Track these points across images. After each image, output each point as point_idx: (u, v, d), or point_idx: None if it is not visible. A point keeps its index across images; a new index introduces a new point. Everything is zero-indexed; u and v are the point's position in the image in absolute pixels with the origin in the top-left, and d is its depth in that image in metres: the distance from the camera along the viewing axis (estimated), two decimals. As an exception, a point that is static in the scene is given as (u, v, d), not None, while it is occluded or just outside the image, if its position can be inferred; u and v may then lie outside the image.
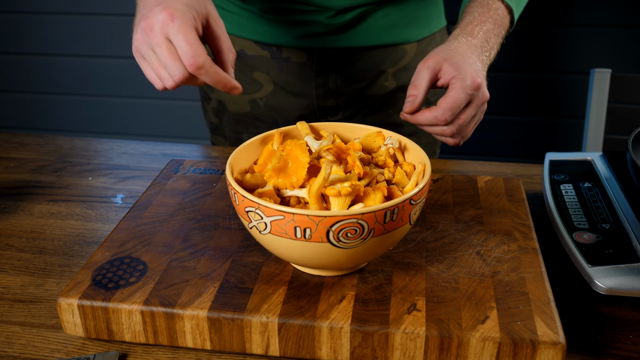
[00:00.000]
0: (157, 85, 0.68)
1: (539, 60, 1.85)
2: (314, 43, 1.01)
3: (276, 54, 1.03)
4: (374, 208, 0.56)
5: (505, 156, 1.99)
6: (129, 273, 0.64)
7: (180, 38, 0.63)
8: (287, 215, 0.56)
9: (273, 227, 0.58)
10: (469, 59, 0.78)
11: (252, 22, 1.02)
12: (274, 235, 0.58)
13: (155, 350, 0.62)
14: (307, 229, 0.56)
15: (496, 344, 0.56)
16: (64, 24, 2.10)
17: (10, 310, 0.68)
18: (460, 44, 0.80)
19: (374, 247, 0.59)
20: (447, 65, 0.76)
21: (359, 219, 0.56)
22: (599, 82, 1.43)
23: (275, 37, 1.02)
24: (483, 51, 0.82)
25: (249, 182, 0.64)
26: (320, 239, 0.57)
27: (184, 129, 2.19)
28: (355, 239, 0.57)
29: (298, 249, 0.58)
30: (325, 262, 0.60)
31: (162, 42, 0.64)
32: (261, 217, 0.58)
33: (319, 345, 0.59)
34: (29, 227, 0.83)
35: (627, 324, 0.65)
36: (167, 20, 0.64)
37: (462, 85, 0.74)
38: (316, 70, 1.04)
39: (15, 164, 1.00)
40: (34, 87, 2.23)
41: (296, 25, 0.99)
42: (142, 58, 0.68)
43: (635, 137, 0.82)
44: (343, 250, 0.58)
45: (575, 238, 0.72)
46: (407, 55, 1.05)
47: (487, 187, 0.81)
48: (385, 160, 0.68)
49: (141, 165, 1.00)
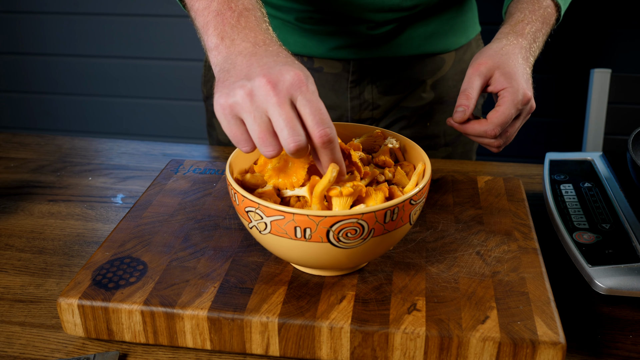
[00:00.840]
0: (245, 149, 0.58)
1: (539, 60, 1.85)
2: (350, 54, 0.98)
3: (307, 64, 1.00)
4: (374, 208, 0.56)
5: (505, 156, 1.99)
6: (129, 273, 0.64)
7: (314, 105, 0.55)
8: (287, 215, 0.56)
9: (273, 227, 0.57)
10: (520, 67, 0.75)
11: (282, 31, 0.98)
12: (274, 235, 0.58)
13: (155, 350, 0.62)
14: (307, 229, 0.56)
15: (496, 344, 0.56)
16: (64, 24, 2.10)
17: (10, 310, 0.68)
18: (510, 45, 0.78)
19: (374, 247, 0.59)
20: (499, 74, 0.74)
21: (359, 219, 0.56)
22: (599, 82, 1.43)
23: (308, 48, 0.98)
24: (531, 53, 0.80)
25: (249, 182, 0.64)
26: (320, 239, 0.57)
27: (184, 129, 2.19)
28: (355, 239, 0.57)
29: (298, 249, 0.58)
30: (325, 262, 0.60)
31: (285, 104, 0.55)
32: (261, 217, 0.58)
33: (319, 345, 0.59)
34: (29, 227, 0.83)
35: (627, 324, 0.65)
36: (298, 82, 0.55)
37: (514, 100, 0.72)
38: (352, 81, 1.00)
39: (15, 164, 1.00)
40: (34, 87, 2.23)
41: (333, 35, 0.96)
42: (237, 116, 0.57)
43: (635, 137, 0.82)
44: (343, 250, 0.58)
45: (575, 238, 0.72)
46: (446, 65, 1.03)
47: (487, 187, 0.81)
48: (386, 160, 0.68)
49: (141, 165, 1.00)
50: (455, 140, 1.07)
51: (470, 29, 1.06)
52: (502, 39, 0.79)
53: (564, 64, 1.85)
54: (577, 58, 1.84)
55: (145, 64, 2.11)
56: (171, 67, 2.09)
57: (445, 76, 1.03)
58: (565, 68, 1.86)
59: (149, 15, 2.04)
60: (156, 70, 2.11)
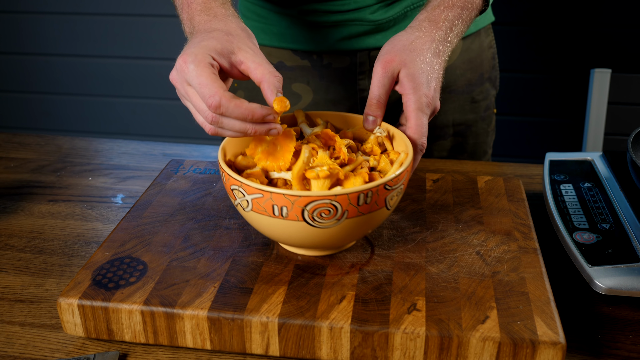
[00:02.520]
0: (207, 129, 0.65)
1: (539, 60, 1.85)
2: (357, 44, 0.98)
3: (317, 61, 1.01)
4: (348, 190, 0.59)
5: (505, 156, 1.99)
6: (129, 273, 0.64)
7: (196, 82, 0.61)
8: (265, 194, 0.59)
9: (254, 205, 0.61)
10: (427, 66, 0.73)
11: (292, 30, 0.99)
12: (256, 213, 0.62)
13: (155, 350, 0.62)
14: (284, 207, 0.59)
15: (496, 344, 0.56)
16: (64, 24, 2.10)
17: (10, 310, 0.68)
18: (421, 40, 0.75)
19: (350, 228, 0.62)
20: (404, 74, 0.71)
21: (332, 200, 0.58)
22: (599, 82, 1.43)
23: (316, 43, 0.99)
24: (446, 44, 0.77)
25: (239, 164, 0.68)
26: (296, 217, 0.60)
27: (184, 129, 2.19)
28: (329, 219, 0.60)
29: (278, 226, 0.61)
30: (305, 240, 0.63)
31: (187, 90, 0.63)
32: (243, 195, 0.61)
33: (319, 345, 0.59)
34: (29, 227, 0.83)
35: (627, 324, 0.65)
36: (182, 66, 0.62)
37: (420, 108, 0.70)
38: (359, 73, 1.01)
39: (15, 164, 1.00)
40: (34, 87, 2.23)
41: (339, 26, 0.97)
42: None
43: (635, 137, 0.82)
44: (319, 230, 0.61)
45: (575, 238, 0.72)
46: (453, 53, 1.01)
47: (487, 187, 0.81)
48: (373, 148, 0.70)
49: (141, 165, 1.00)
50: (466, 130, 1.07)
51: (480, 17, 1.04)
52: (414, 30, 0.76)
53: (564, 64, 1.85)
54: (577, 58, 1.84)
55: (145, 64, 2.11)
56: (171, 67, 2.08)
57: (453, 65, 1.03)
58: (565, 68, 1.86)
59: (149, 15, 2.04)
60: (156, 70, 2.11)
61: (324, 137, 0.69)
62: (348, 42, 0.98)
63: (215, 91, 0.60)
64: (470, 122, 1.07)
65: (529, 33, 1.82)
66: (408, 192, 0.80)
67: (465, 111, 1.06)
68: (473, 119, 1.07)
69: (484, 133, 1.10)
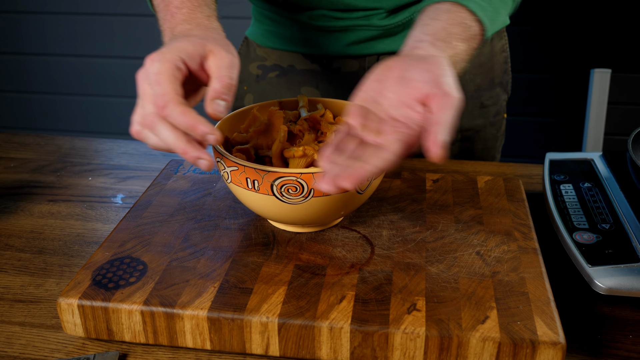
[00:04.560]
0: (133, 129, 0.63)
1: (539, 60, 1.85)
2: (366, 49, 0.99)
3: (326, 65, 1.02)
4: (312, 170, 0.62)
5: (505, 156, 1.99)
6: (129, 273, 0.64)
7: (153, 79, 0.59)
8: (239, 167, 0.64)
9: (232, 177, 0.66)
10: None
11: (303, 34, 1.00)
12: (234, 185, 0.66)
13: (155, 350, 0.62)
14: (255, 180, 0.64)
15: (496, 344, 0.56)
16: (64, 24, 2.11)
17: (10, 310, 0.68)
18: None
19: (319, 207, 0.65)
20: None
21: (297, 177, 0.62)
22: (599, 82, 1.44)
23: (326, 47, 1.00)
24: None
25: (234, 140, 0.73)
26: (267, 191, 0.64)
27: (184, 129, 2.18)
28: (297, 196, 0.64)
29: (252, 198, 0.66)
30: (281, 215, 0.67)
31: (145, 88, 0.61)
32: (224, 167, 0.66)
33: (319, 345, 0.59)
34: (29, 227, 0.83)
35: (627, 324, 0.65)
36: (148, 64, 0.60)
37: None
38: None
39: (15, 164, 1.00)
40: (34, 87, 2.23)
41: (347, 31, 0.97)
42: None
43: (635, 137, 0.82)
44: (290, 205, 0.64)
45: (575, 238, 0.72)
46: None
47: (487, 187, 0.81)
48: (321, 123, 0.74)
49: (141, 165, 1.00)
50: (474, 135, 1.06)
51: None
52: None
53: (564, 64, 1.85)
54: (577, 58, 1.84)
55: (145, 64, 2.11)
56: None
57: (462, 70, 1.02)
58: (565, 68, 1.86)
59: (149, 15, 2.04)
60: (156, 70, 2.11)
61: (311, 120, 0.74)
62: (357, 47, 0.99)
63: (168, 92, 0.58)
64: (478, 128, 1.07)
65: (528, 33, 1.83)
66: (408, 192, 0.80)
67: (474, 116, 1.06)
68: (482, 124, 1.07)
69: (493, 138, 1.10)
